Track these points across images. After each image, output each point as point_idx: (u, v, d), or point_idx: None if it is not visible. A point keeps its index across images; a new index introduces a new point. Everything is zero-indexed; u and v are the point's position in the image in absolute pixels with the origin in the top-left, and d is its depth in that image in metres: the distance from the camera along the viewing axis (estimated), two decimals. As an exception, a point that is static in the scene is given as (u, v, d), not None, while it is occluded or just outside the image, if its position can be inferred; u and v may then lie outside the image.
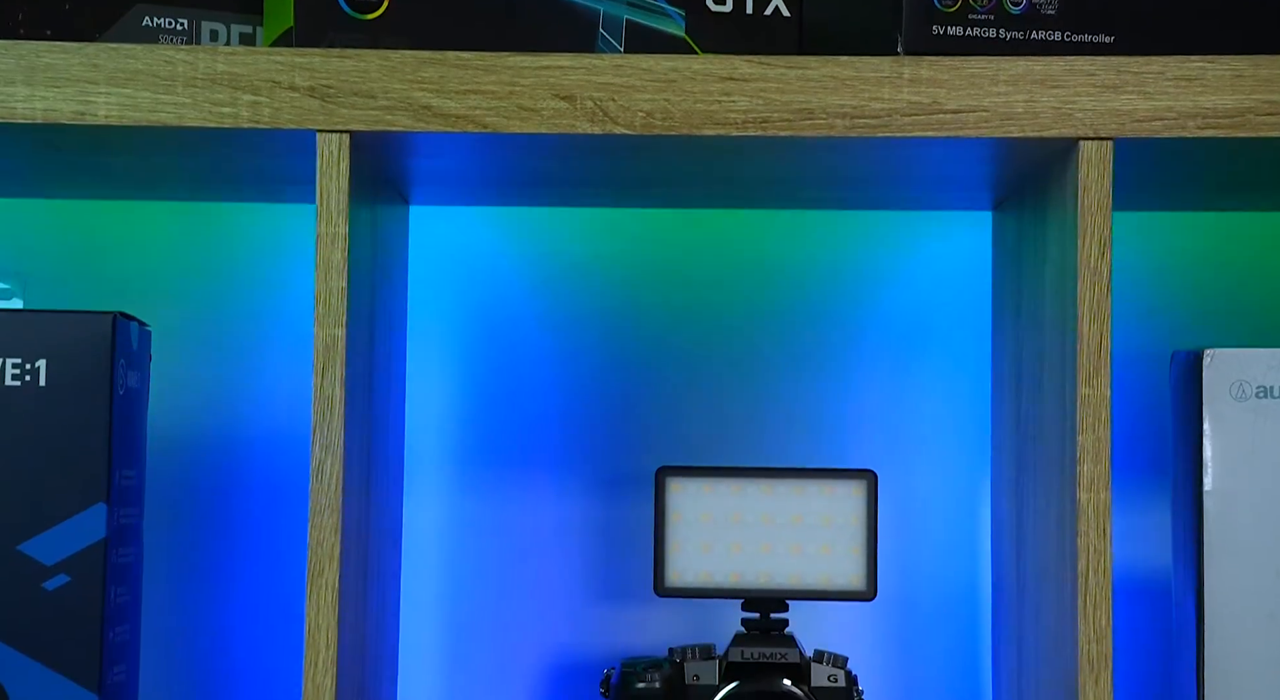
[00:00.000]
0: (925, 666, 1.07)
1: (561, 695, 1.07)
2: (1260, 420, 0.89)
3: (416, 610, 1.07)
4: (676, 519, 0.94)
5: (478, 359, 1.09)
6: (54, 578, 0.86)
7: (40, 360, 0.86)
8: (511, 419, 1.08)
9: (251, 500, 1.07)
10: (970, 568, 1.07)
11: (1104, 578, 0.84)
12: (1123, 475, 0.99)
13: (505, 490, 1.08)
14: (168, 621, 1.06)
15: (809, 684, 0.92)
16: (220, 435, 1.08)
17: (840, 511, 0.94)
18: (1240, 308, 1.07)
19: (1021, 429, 0.97)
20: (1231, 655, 0.88)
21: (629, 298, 1.09)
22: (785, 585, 0.93)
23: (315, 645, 0.84)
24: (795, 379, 1.09)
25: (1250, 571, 0.89)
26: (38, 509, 0.86)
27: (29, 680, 0.85)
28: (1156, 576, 1.02)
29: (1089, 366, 0.84)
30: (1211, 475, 0.89)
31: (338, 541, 0.84)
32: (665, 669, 0.93)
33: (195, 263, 1.08)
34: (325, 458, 0.84)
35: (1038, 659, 0.93)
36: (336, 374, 0.84)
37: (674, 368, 1.09)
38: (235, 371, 1.08)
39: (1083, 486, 0.84)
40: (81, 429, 0.86)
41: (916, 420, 1.08)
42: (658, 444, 1.08)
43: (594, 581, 1.08)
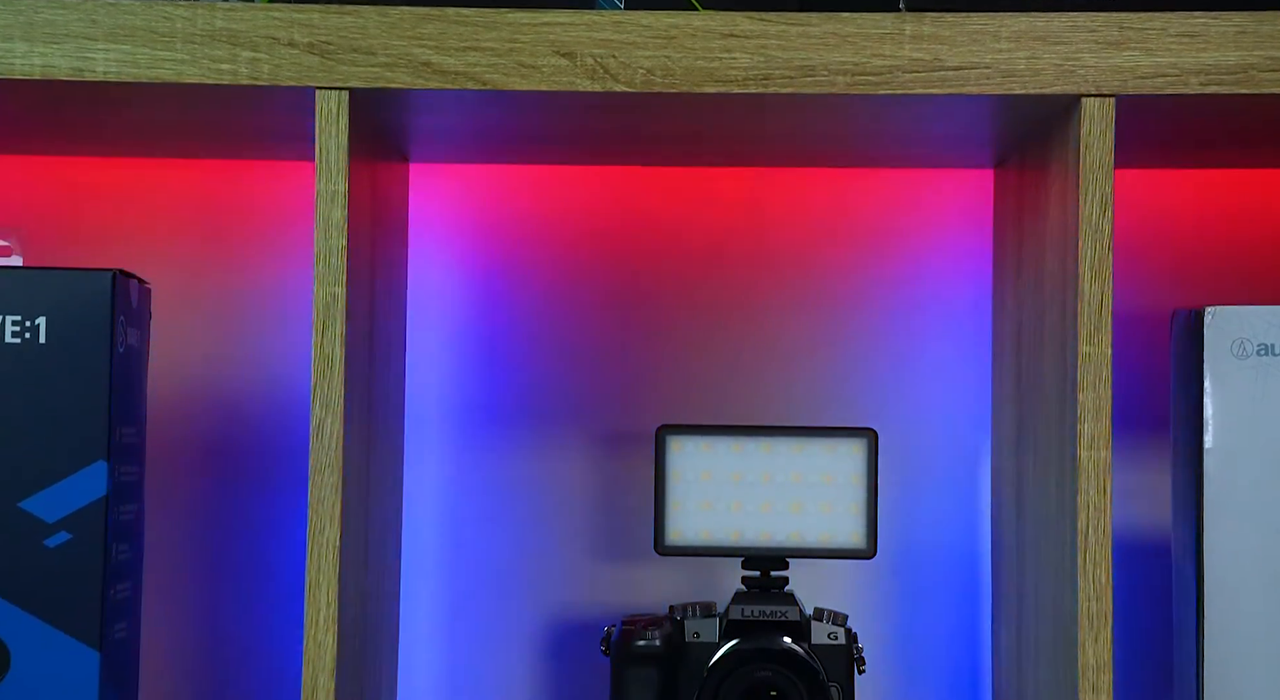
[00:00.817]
0: (925, 624, 1.07)
1: (562, 653, 1.07)
2: (1261, 378, 0.89)
3: (417, 568, 1.07)
4: (677, 478, 0.94)
5: (478, 317, 1.09)
6: (55, 535, 0.86)
7: (40, 318, 0.86)
8: (511, 378, 1.08)
9: (252, 459, 1.07)
10: (970, 526, 1.07)
11: (1104, 536, 0.84)
12: (1123, 433, 0.99)
13: (505, 449, 1.08)
14: (169, 580, 1.06)
15: (809, 641, 0.92)
16: (220, 393, 1.08)
17: (840, 470, 0.94)
18: (1242, 266, 1.07)
19: (1022, 387, 0.97)
20: (1231, 613, 0.89)
21: (629, 256, 1.09)
22: (785, 543, 0.94)
23: (316, 603, 0.84)
24: (796, 337, 1.08)
25: (1250, 529, 0.89)
26: (38, 466, 0.86)
27: (31, 637, 0.86)
28: (1156, 535, 1.02)
29: (1090, 325, 0.84)
30: (1212, 433, 0.89)
31: (338, 500, 0.84)
32: (666, 626, 0.93)
33: (194, 220, 1.08)
34: (325, 416, 0.84)
35: (1037, 616, 0.93)
36: (336, 332, 0.84)
37: (674, 326, 1.09)
38: (235, 330, 1.08)
39: (1083, 445, 0.84)
40: (81, 386, 0.86)
41: (917, 379, 1.08)
42: (658, 402, 1.08)
43: (594, 540, 1.08)
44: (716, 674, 0.88)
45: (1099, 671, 0.84)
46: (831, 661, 0.91)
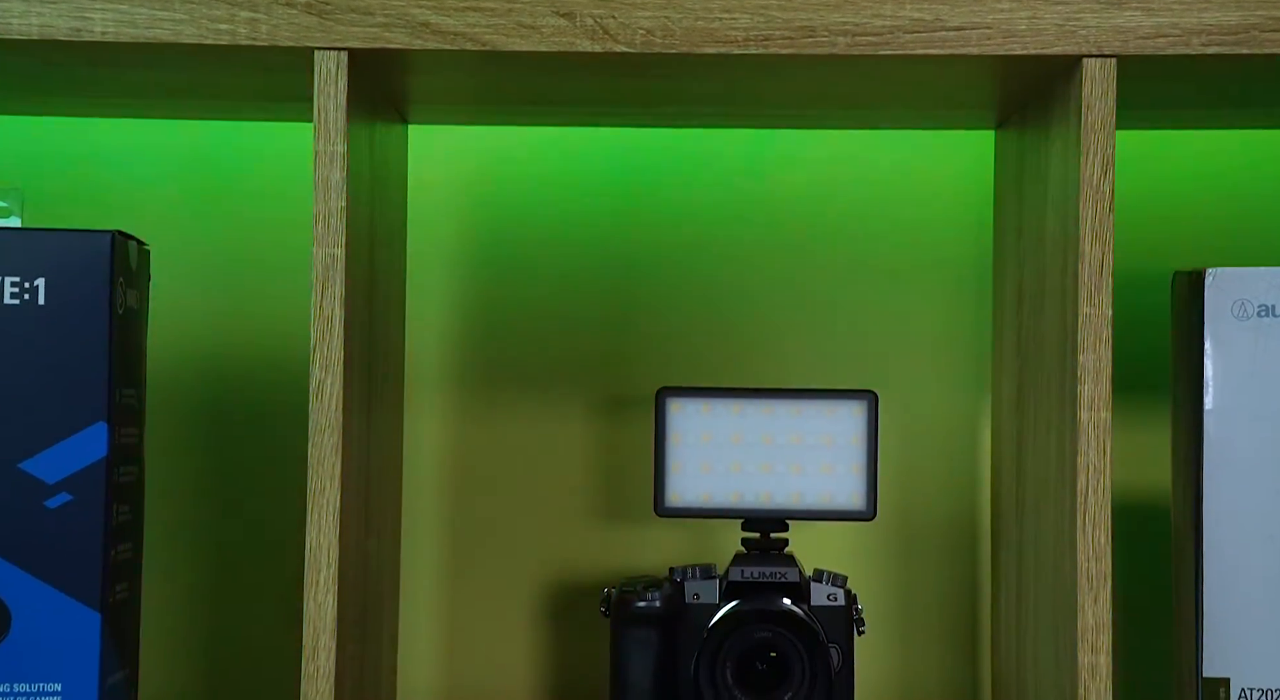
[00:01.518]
0: (925, 586, 1.07)
1: (562, 614, 1.08)
2: (1261, 339, 0.89)
3: (417, 529, 1.07)
4: (676, 439, 0.94)
5: (477, 278, 1.09)
6: (55, 496, 0.86)
7: (39, 278, 0.86)
8: (511, 339, 1.08)
9: (252, 420, 1.08)
10: (970, 487, 1.08)
11: (1103, 497, 0.84)
12: (1123, 395, 0.98)
13: (505, 410, 1.08)
14: (170, 541, 1.06)
15: (808, 603, 0.92)
16: (220, 355, 1.08)
17: (841, 431, 0.94)
18: (1243, 227, 1.07)
19: (1022, 348, 0.97)
20: (1230, 574, 0.89)
21: (628, 217, 1.09)
22: (785, 505, 0.94)
23: (316, 564, 0.84)
24: (797, 298, 1.08)
25: (1249, 491, 0.89)
26: (38, 427, 0.86)
27: (32, 598, 0.86)
28: (1156, 496, 1.02)
29: (1090, 286, 0.84)
30: (1212, 394, 0.89)
31: (338, 461, 0.84)
32: (665, 588, 0.93)
33: (193, 182, 1.08)
34: (325, 377, 0.84)
35: (1037, 578, 0.93)
36: (336, 293, 0.84)
37: (674, 287, 1.08)
38: (234, 291, 1.08)
39: (1083, 406, 0.84)
40: (81, 347, 0.86)
41: (918, 340, 1.08)
42: (657, 364, 1.08)
43: (594, 502, 1.08)
44: (716, 635, 0.88)
45: (1098, 632, 0.84)
46: (831, 623, 0.92)
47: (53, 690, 0.86)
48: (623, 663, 0.93)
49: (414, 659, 1.07)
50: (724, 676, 0.88)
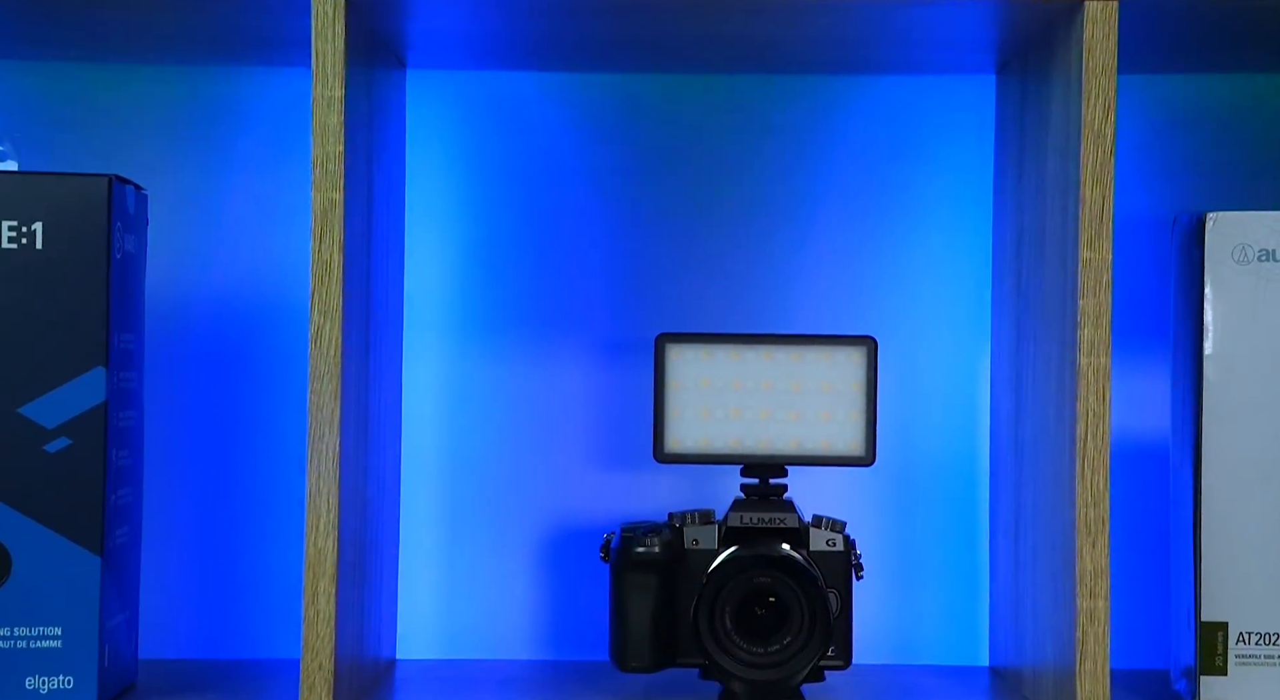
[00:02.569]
0: (923, 531, 1.08)
1: (561, 560, 1.08)
2: (1262, 284, 0.88)
3: (417, 475, 1.08)
4: (676, 385, 0.94)
5: (476, 224, 1.08)
6: (55, 441, 0.86)
7: (37, 223, 0.86)
8: (511, 285, 1.08)
9: (251, 366, 1.07)
10: (969, 433, 1.08)
11: (1102, 442, 0.84)
12: (1123, 340, 0.98)
13: (504, 356, 1.08)
14: (169, 486, 1.06)
15: (807, 548, 0.92)
16: (218, 301, 1.07)
17: (840, 378, 0.94)
18: (1245, 171, 1.06)
19: (1022, 294, 0.97)
20: (1228, 518, 0.89)
21: (628, 163, 1.08)
22: (784, 451, 0.94)
23: (316, 509, 0.84)
24: (796, 244, 1.08)
25: (1248, 436, 0.89)
26: (37, 372, 0.86)
27: (32, 542, 0.86)
28: (1155, 441, 1.02)
29: (1091, 230, 0.84)
30: (1212, 339, 0.89)
31: (337, 407, 0.84)
32: (665, 534, 0.93)
33: (191, 127, 1.07)
34: (324, 323, 0.84)
35: (1035, 523, 0.93)
36: (334, 239, 0.84)
37: (673, 233, 1.08)
38: (232, 236, 1.07)
39: (1083, 351, 0.84)
40: (79, 292, 0.86)
41: (917, 286, 1.08)
42: (657, 310, 1.08)
43: (594, 447, 1.08)
44: (715, 580, 0.88)
45: (1096, 577, 0.84)
46: (830, 568, 0.92)
47: (53, 634, 0.86)
48: (622, 608, 0.93)
49: (413, 604, 1.07)
50: (723, 622, 0.88)
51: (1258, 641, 0.89)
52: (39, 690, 0.86)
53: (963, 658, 1.07)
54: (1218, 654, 0.89)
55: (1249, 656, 0.89)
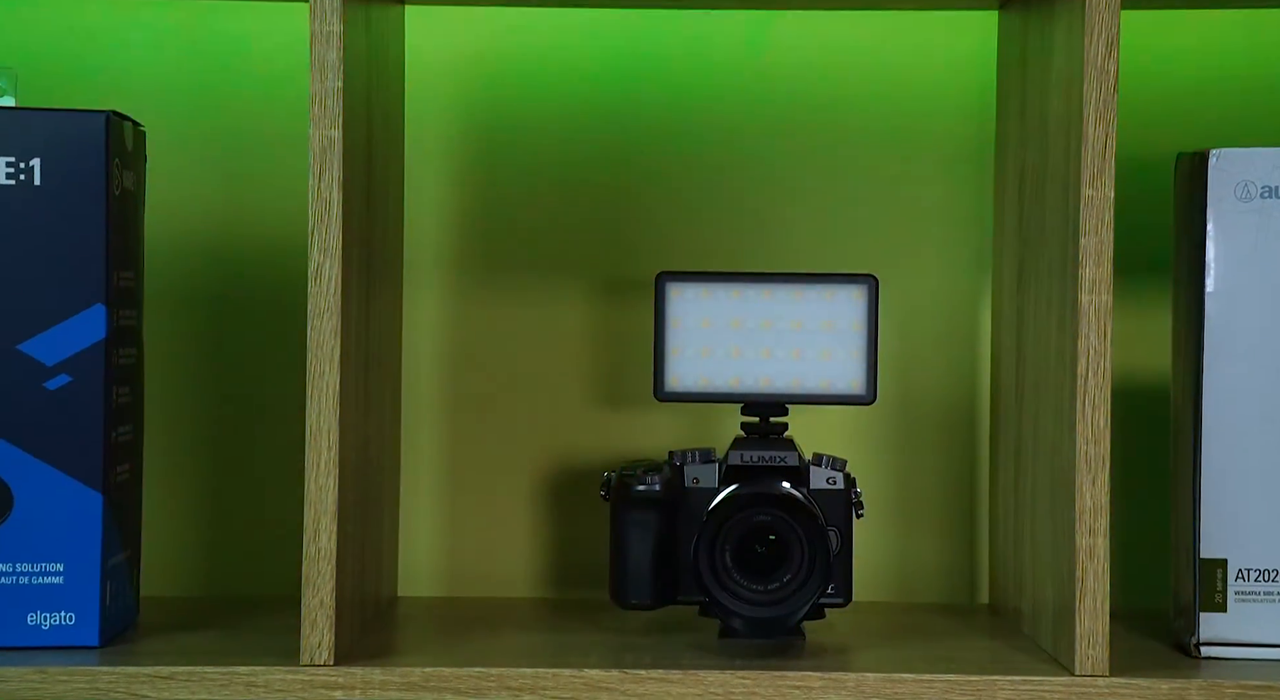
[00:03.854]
0: (923, 469, 1.08)
1: (562, 499, 1.08)
2: (1264, 221, 0.88)
3: (417, 414, 1.08)
4: (676, 324, 0.94)
5: (476, 160, 1.08)
6: (55, 378, 0.86)
7: (34, 159, 0.86)
8: (511, 222, 1.08)
9: (251, 304, 1.07)
10: (970, 371, 1.08)
11: (1103, 380, 0.84)
12: (1124, 278, 0.98)
13: (505, 294, 1.08)
14: (170, 424, 1.06)
15: (807, 486, 0.92)
16: (218, 238, 1.07)
17: (841, 316, 0.93)
18: (1248, 107, 1.06)
19: (1024, 232, 0.97)
20: (1228, 456, 0.89)
21: (629, 99, 1.08)
22: (785, 389, 0.94)
23: (317, 447, 0.84)
24: (798, 182, 1.08)
25: (1249, 374, 0.89)
26: (36, 309, 0.86)
27: (34, 479, 0.86)
28: (1156, 379, 1.02)
29: (1093, 168, 0.84)
30: (1213, 277, 0.89)
31: (337, 344, 0.84)
32: (665, 472, 0.94)
33: (189, 62, 1.07)
34: (323, 261, 0.84)
35: (1035, 461, 0.94)
36: (333, 176, 0.84)
37: (674, 170, 1.08)
38: (232, 174, 1.07)
39: (1084, 289, 0.84)
40: (78, 229, 0.86)
41: (918, 224, 1.08)
42: (657, 247, 1.07)
43: (594, 386, 1.08)
44: (715, 518, 0.88)
45: (1096, 514, 0.84)
46: (830, 506, 0.92)
47: (55, 570, 0.87)
48: (622, 546, 0.93)
49: (414, 541, 1.07)
50: (723, 560, 0.88)
51: (1257, 578, 0.89)
52: (41, 626, 0.86)
53: (962, 596, 1.08)
54: (1217, 591, 0.89)
55: (1248, 593, 0.89)
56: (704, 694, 0.84)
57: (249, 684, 0.84)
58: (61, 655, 0.85)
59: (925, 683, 0.84)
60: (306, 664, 0.84)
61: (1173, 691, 0.84)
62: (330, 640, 0.84)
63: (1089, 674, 0.84)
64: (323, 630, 0.84)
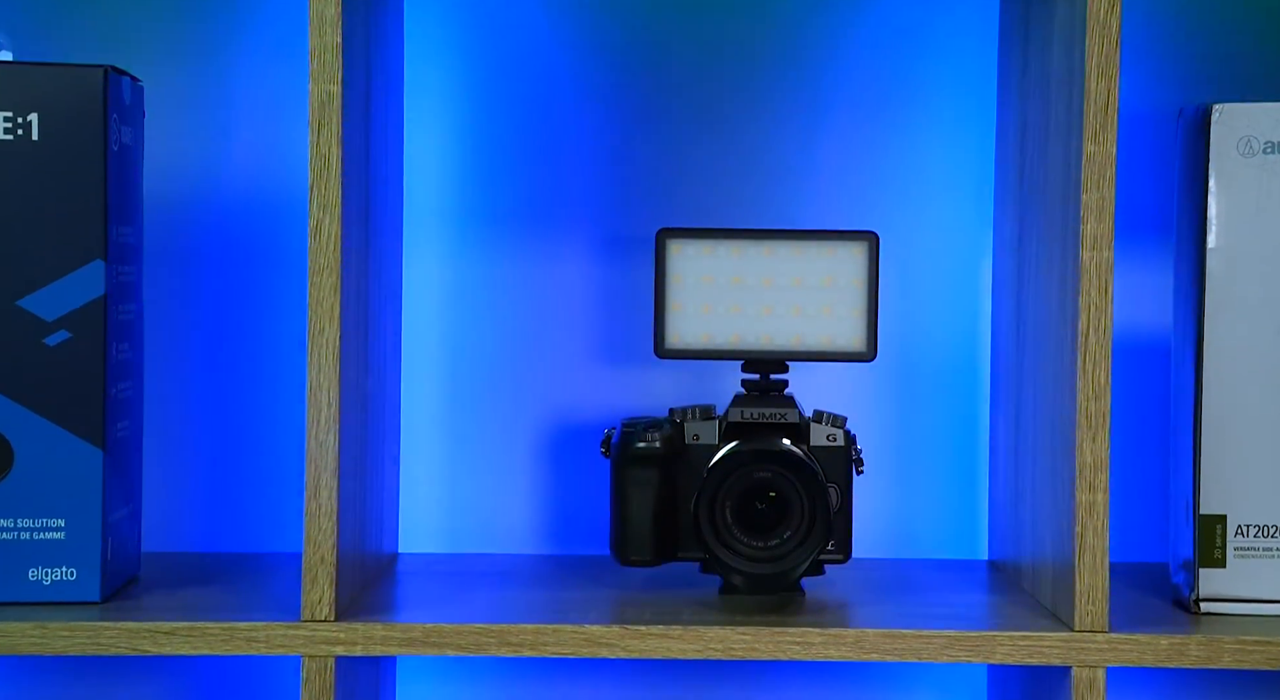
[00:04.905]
0: (924, 426, 1.08)
1: (562, 455, 1.08)
2: (1267, 177, 0.88)
3: (417, 370, 1.08)
4: (677, 281, 0.94)
5: (476, 116, 1.08)
6: (55, 334, 0.86)
7: (32, 114, 0.85)
8: (510, 179, 1.08)
9: (250, 260, 1.07)
10: (971, 328, 1.07)
11: (1104, 336, 0.84)
12: (1126, 235, 0.98)
13: (505, 252, 1.08)
14: (170, 381, 1.06)
15: (808, 443, 0.92)
16: (217, 194, 1.07)
17: (841, 273, 0.93)
18: (1252, 62, 1.05)
19: (1025, 187, 0.97)
20: (1228, 412, 0.89)
21: (629, 56, 1.07)
22: (785, 346, 0.94)
23: (317, 403, 0.84)
24: (798, 138, 1.07)
25: (1250, 330, 0.89)
26: (35, 264, 0.86)
27: (34, 434, 0.86)
28: (1157, 336, 1.02)
29: (1095, 123, 0.83)
30: (1215, 233, 0.89)
31: (337, 301, 0.84)
32: (665, 429, 0.94)
33: (186, 18, 1.06)
34: (323, 217, 0.84)
35: (1036, 418, 0.93)
36: (332, 131, 0.84)
37: (675, 127, 1.07)
38: (230, 130, 1.07)
39: (1086, 245, 0.84)
40: (76, 184, 0.86)
41: (920, 180, 1.07)
42: (658, 205, 1.07)
43: (595, 343, 1.08)
44: (716, 475, 0.88)
45: (1096, 470, 0.84)
46: (830, 463, 0.92)
47: (56, 526, 0.87)
48: (623, 503, 0.93)
49: (415, 498, 1.07)
50: (723, 516, 0.88)
51: (1256, 534, 0.89)
52: (42, 582, 0.86)
53: (962, 552, 1.08)
54: (1216, 546, 0.89)
55: (1247, 549, 0.89)
56: (704, 649, 0.84)
57: (249, 639, 0.84)
58: (62, 611, 0.85)
59: (924, 638, 0.84)
60: (307, 620, 0.84)
61: (1171, 647, 0.84)
62: (331, 596, 0.84)
63: (1088, 630, 0.84)
64: (323, 586, 0.84)
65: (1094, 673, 0.84)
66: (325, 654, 0.84)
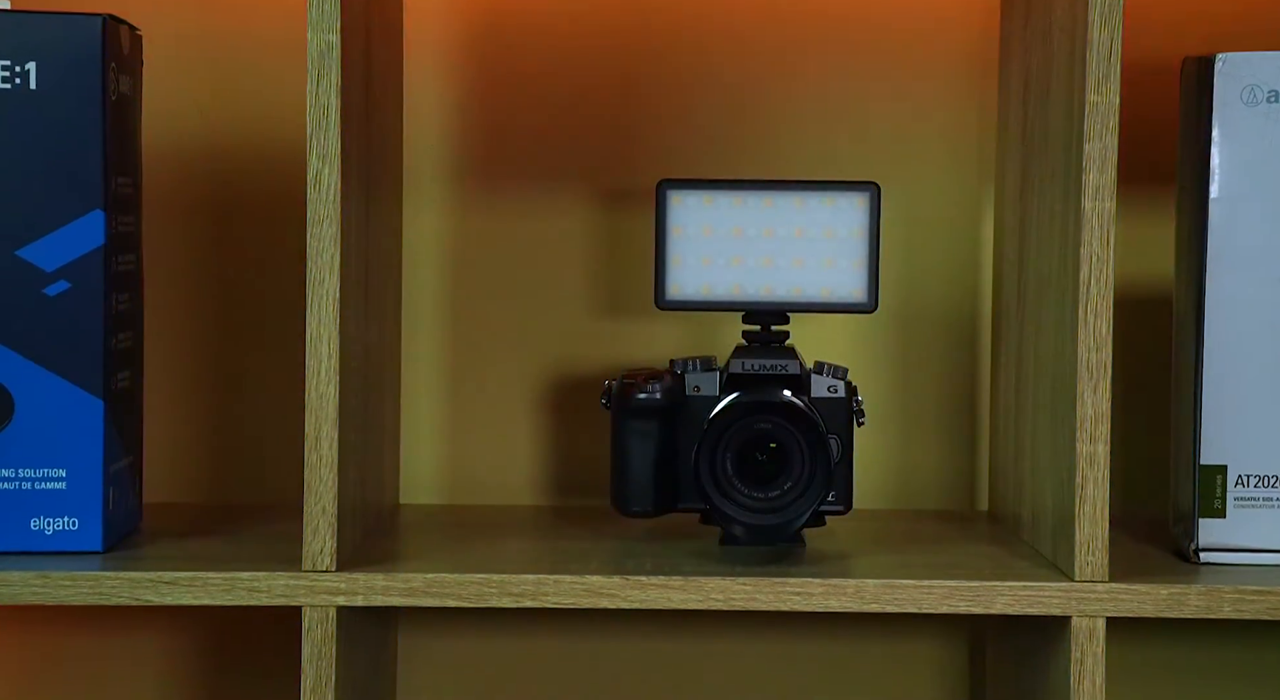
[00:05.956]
0: (925, 377, 1.08)
1: (563, 407, 1.08)
2: (1270, 126, 0.88)
3: (418, 321, 1.07)
4: (677, 232, 0.93)
5: (476, 67, 1.07)
6: (54, 284, 0.86)
7: (30, 63, 0.85)
8: (511, 130, 1.07)
9: (250, 210, 1.07)
10: (972, 279, 1.07)
11: (1106, 287, 0.84)
12: (1129, 184, 0.98)
13: (505, 203, 1.07)
14: (170, 332, 1.06)
15: (809, 394, 0.92)
16: (216, 145, 1.07)
17: (842, 224, 0.93)
18: (1255, 11, 1.05)
19: (1027, 138, 0.96)
20: (1230, 362, 0.89)
21: (630, 6, 1.07)
22: (786, 298, 0.93)
23: (317, 354, 0.84)
24: (801, 89, 1.07)
25: (1252, 281, 0.89)
26: (34, 214, 0.86)
27: (35, 384, 0.86)
28: (1159, 287, 1.02)
29: (1098, 73, 0.83)
30: (1218, 183, 0.88)
31: (337, 251, 0.84)
32: (666, 380, 0.94)
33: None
34: (322, 167, 0.84)
35: (1037, 369, 0.93)
36: (332, 81, 0.83)
37: (676, 77, 1.07)
38: (229, 79, 1.06)
39: (1087, 195, 0.83)
40: (75, 134, 0.85)
41: (921, 131, 1.07)
42: (659, 156, 1.07)
43: (595, 294, 1.08)
44: (716, 426, 0.88)
45: (1097, 422, 0.84)
46: (831, 414, 0.92)
47: (58, 476, 0.87)
48: (623, 454, 0.93)
49: (416, 449, 1.07)
50: (724, 467, 0.88)
51: (1256, 484, 0.89)
52: (44, 531, 0.87)
53: (962, 503, 1.08)
54: (1216, 497, 0.89)
55: (1247, 499, 0.89)
56: (705, 600, 0.84)
57: (251, 589, 0.84)
58: (65, 560, 0.85)
59: (925, 589, 0.84)
60: (309, 570, 0.84)
61: (1171, 597, 0.84)
62: (332, 546, 0.84)
63: (1088, 579, 0.84)
64: (325, 536, 0.84)
65: (1093, 623, 0.84)
66: (327, 604, 0.84)
